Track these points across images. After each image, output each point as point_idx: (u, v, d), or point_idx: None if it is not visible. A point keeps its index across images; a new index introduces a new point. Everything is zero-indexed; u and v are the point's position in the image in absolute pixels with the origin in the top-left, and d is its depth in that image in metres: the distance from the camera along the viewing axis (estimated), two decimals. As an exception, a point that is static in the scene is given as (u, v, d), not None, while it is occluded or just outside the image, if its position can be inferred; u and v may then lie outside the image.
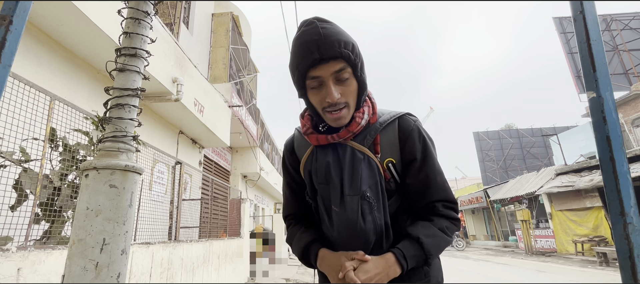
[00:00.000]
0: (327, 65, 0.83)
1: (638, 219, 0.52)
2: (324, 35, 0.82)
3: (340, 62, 0.83)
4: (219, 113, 7.09)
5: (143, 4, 1.28)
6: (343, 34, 0.85)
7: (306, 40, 0.83)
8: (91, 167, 1.10)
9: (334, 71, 0.84)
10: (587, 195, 11.39)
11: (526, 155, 29.79)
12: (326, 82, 0.85)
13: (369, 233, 0.88)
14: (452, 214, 0.95)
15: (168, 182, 5.29)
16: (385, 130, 0.94)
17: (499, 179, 26.77)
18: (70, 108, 2.90)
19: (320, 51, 0.81)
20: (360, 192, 0.89)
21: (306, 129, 0.97)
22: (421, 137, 0.94)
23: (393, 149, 0.93)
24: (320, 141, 0.94)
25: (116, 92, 1.20)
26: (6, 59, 0.52)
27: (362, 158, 0.91)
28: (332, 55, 0.82)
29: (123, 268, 1.08)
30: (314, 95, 0.88)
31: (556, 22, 17.30)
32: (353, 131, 0.91)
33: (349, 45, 0.84)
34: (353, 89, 0.87)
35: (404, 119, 0.95)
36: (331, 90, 0.84)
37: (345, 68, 0.84)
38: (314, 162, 0.98)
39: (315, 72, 0.84)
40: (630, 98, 14.70)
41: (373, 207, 0.89)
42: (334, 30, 0.83)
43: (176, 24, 6.75)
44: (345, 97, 0.86)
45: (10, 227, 2.36)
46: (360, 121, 0.91)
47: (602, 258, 9.05)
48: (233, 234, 7.40)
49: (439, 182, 0.94)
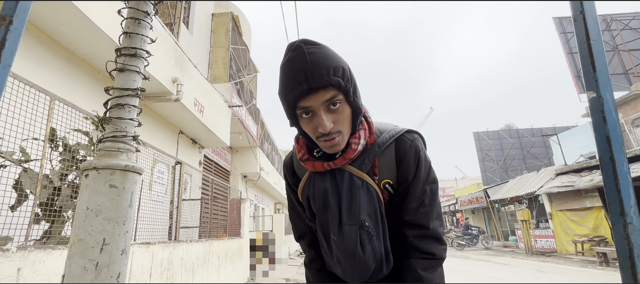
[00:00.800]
0: (316, 96, 0.78)
1: (638, 219, 0.52)
2: (311, 63, 0.76)
3: (330, 91, 0.78)
4: (219, 113, 7.09)
5: (143, 4, 1.28)
6: (333, 58, 0.79)
7: (294, 69, 0.77)
8: (91, 167, 1.10)
9: (325, 101, 0.79)
10: (587, 195, 11.39)
11: (526, 155, 29.78)
12: (317, 112, 0.80)
13: (368, 262, 0.86)
14: (428, 247, 0.87)
15: (168, 182, 5.29)
16: (383, 151, 0.91)
17: (499, 179, 26.77)
18: (70, 108, 2.90)
19: (309, 81, 0.76)
20: (359, 222, 0.86)
21: (302, 155, 0.93)
22: (416, 158, 0.89)
23: (390, 170, 0.90)
24: (317, 168, 0.91)
25: (116, 92, 1.20)
26: (6, 59, 0.52)
27: (360, 185, 0.88)
28: (322, 84, 0.77)
29: (123, 268, 1.08)
30: (306, 124, 0.84)
31: (556, 22, 17.30)
32: (349, 158, 0.88)
33: (339, 71, 0.78)
34: (346, 116, 0.83)
35: (401, 139, 0.91)
36: (323, 120, 0.80)
37: (336, 96, 0.79)
38: (311, 188, 0.95)
39: (305, 103, 0.79)
40: (630, 98, 14.70)
41: (372, 236, 0.86)
42: (322, 55, 0.78)
43: (176, 24, 6.75)
44: (339, 125, 0.82)
45: (10, 227, 2.36)
46: (355, 147, 0.87)
47: (602, 258, 9.04)
48: (233, 234, 7.40)
49: (414, 206, 0.88)
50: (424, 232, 0.88)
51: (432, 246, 0.88)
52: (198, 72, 6.10)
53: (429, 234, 0.88)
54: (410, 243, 0.88)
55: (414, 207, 0.88)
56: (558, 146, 14.85)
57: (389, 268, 0.89)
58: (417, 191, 0.89)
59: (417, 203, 0.88)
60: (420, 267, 0.86)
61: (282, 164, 1.12)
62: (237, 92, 9.08)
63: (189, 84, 5.52)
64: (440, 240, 0.89)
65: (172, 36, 5.28)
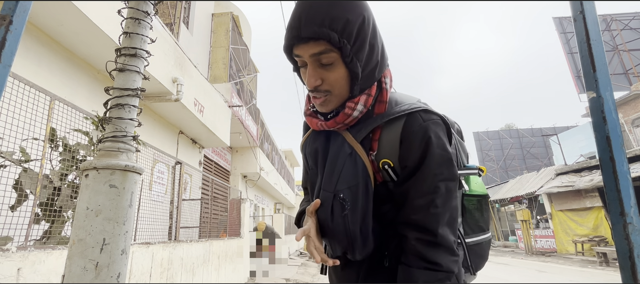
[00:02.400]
0: (306, 46, 0.71)
1: (638, 219, 0.52)
2: (309, 8, 0.69)
3: (320, 45, 0.70)
4: (219, 113, 7.10)
5: (143, 4, 1.28)
6: (339, 7, 0.69)
7: (294, 12, 0.71)
8: (91, 167, 1.10)
9: (313, 54, 0.72)
10: (587, 195, 11.39)
11: (526, 155, 29.80)
12: (308, 65, 0.75)
13: (338, 235, 0.77)
14: (434, 256, 0.70)
15: (168, 182, 5.29)
16: (390, 125, 0.78)
17: (499, 179, 26.78)
18: (70, 108, 2.90)
19: (300, 28, 0.69)
20: (334, 191, 0.78)
21: (306, 109, 0.88)
22: (424, 142, 0.74)
23: (392, 149, 0.77)
24: (312, 126, 0.86)
25: (116, 92, 1.20)
26: (6, 59, 0.52)
27: (348, 153, 0.79)
28: (309, 35, 0.69)
29: (123, 268, 1.08)
30: (302, 74, 0.79)
31: (556, 22, 17.31)
32: (342, 122, 0.79)
33: (338, 24, 0.68)
34: (339, 76, 0.74)
35: (412, 115, 0.77)
36: (309, 74, 0.74)
37: (325, 52, 0.71)
38: (308, 145, 0.92)
39: (296, 51, 0.74)
40: (630, 98, 14.70)
41: (345, 209, 0.76)
42: (325, 3, 0.69)
43: (176, 24, 6.75)
44: (327, 84, 0.75)
45: (10, 227, 2.36)
46: (350, 112, 0.77)
47: (602, 258, 9.04)
48: (233, 234, 7.40)
49: (422, 204, 0.72)
50: (431, 238, 0.71)
51: (439, 255, 0.70)
52: (198, 72, 6.10)
53: (436, 242, 0.71)
54: (411, 247, 0.72)
55: (422, 205, 0.73)
56: (558, 146, 14.86)
57: (364, 253, 0.77)
58: (424, 184, 0.73)
59: (427, 201, 0.72)
60: (423, 279, 0.69)
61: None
62: (237, 92, 9.08)
63: (189, 84, 5.52)
64: (450, 249, 0.71)
65: (172, 36, 5.28)
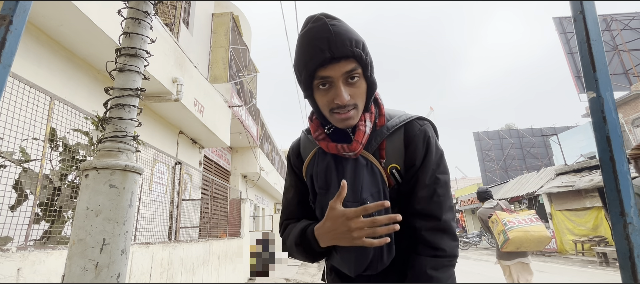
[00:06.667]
0: (338, 65, 0.78)
1: (638, 219, 0.52)
2: (334, 33, 0.77)
3: (351, 62, 0.78)
4: (219, 113, 7.10)
5: (143, 4, 1.28)
6: (353, 32, 0.80)
7: (315, 37, 0.77)
8: (91, 167, 1.10)
9: (345, 72, 0.79)
10: (587, 195, 11.39)
11: (526, 155, 29.78)
12: (336, 83, 0.80)
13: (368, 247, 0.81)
14: (440, 242, 0.81)
15: (168, 182, 5.29)
16: (392, 135, 0.89)
17: (499, 179, 26.79)
18: (70, 108, 2.90)
19: (332, 50, 0.76)
20: (361, 200, 0.83)
21: (317, 134, 0.92)
22: (425, 142, 0.87)
23: (398, 155, 0.88)
24: (331, 150, 0.89)
25: (116, 92, 1.20)
26: (6, 59, 0.52)
27: (364, 164, 0.86)
28: (344, 54, 0.77)
29: (123, 268, 1.08)
30: (321, 96, 0.83)
31: (556, 22, 17.31)
32: (361, 141, 0.86)
33: (360, 44, 0.79)
34: (362, 90, 0.83)
35: (410, 123, 0.89)
36: (341, 91, 0.79)
37: (356, 68, 0.79)
38: (315, 165, 0.94)
39: (325, 72, 0.79)
40: (630, 98, 14.70)
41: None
42: (343, 28, 0.79)
43: (176, 24, 6.75)
44: (355, 98, 0.82)
45: (10, 227, 2.36)
46: (364, 129, 0.86)
47: (602, 258, 9.05)
48: (233, 234, 7.40)
49: (426, 195, 0.84)
50: (436, 224, 0.83)
51: (443, 241, 0.82)
52: (198, 72, 6.10)
53: (441, 227, 0.83)
54: (420, 236, 0.83)
55: (426, 196, 0.84)
56: (558, 146, 14.86)
57: (390, 258, 0.83)
58: (427, 177, 0.85)
59: (429, 192, 0.84)
60: (431, 266, 0.80)
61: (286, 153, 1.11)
62: (237, 92, 9.08)
63: (189, 84, 5.52)
64: (453, 235, 0.84)
65: (172, 36, 5.28)
